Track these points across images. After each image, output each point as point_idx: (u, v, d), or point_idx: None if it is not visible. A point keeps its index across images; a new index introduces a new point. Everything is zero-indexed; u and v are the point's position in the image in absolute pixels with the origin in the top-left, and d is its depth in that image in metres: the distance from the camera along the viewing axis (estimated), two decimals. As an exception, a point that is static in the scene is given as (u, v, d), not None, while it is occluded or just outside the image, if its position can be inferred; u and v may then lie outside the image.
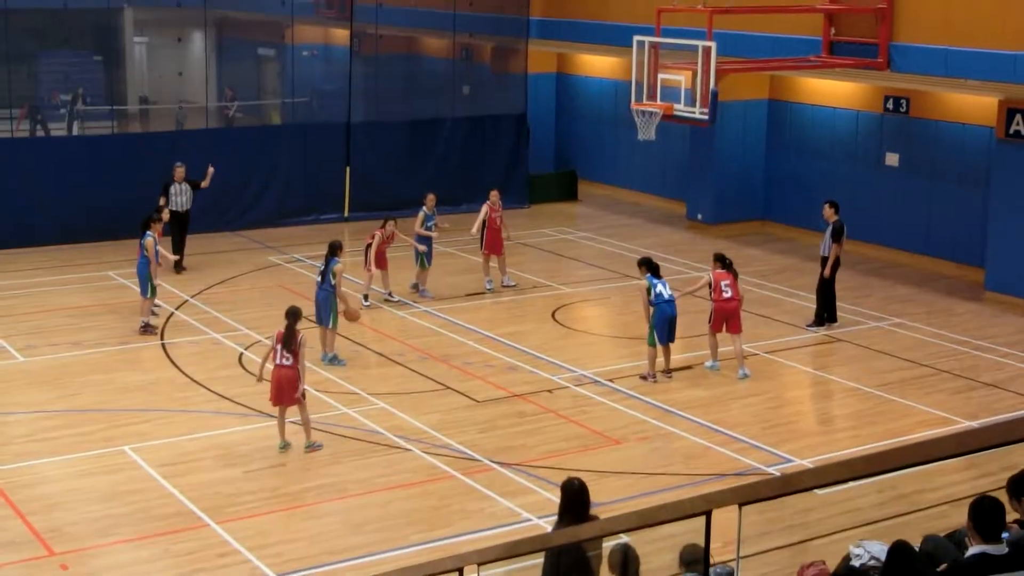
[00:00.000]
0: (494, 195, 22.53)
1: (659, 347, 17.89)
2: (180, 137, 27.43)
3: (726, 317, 18.21)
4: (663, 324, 17.76)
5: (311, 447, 15.14)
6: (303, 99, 30.37)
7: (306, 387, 15.23)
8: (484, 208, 22.32)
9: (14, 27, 26.78)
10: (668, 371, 18.11)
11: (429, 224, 22.12)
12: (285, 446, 15.11)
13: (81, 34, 32.46)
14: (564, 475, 10.16)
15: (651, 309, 17.77)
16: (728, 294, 18.15)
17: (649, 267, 18.04)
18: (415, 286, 22.24)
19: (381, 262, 21.33)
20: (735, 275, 18.45)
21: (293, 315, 15.20)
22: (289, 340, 14.95)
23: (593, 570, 8.82)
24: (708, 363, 18.55)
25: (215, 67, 31.88)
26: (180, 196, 23.31)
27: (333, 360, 18.41)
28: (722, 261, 18.45)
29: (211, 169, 23.73)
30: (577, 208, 30.66)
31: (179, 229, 23.37)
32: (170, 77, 32.60)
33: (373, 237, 21.23)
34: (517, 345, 19.51)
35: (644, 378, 17.92)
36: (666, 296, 17.81)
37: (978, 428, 15.74)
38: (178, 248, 23.19)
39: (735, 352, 18.27)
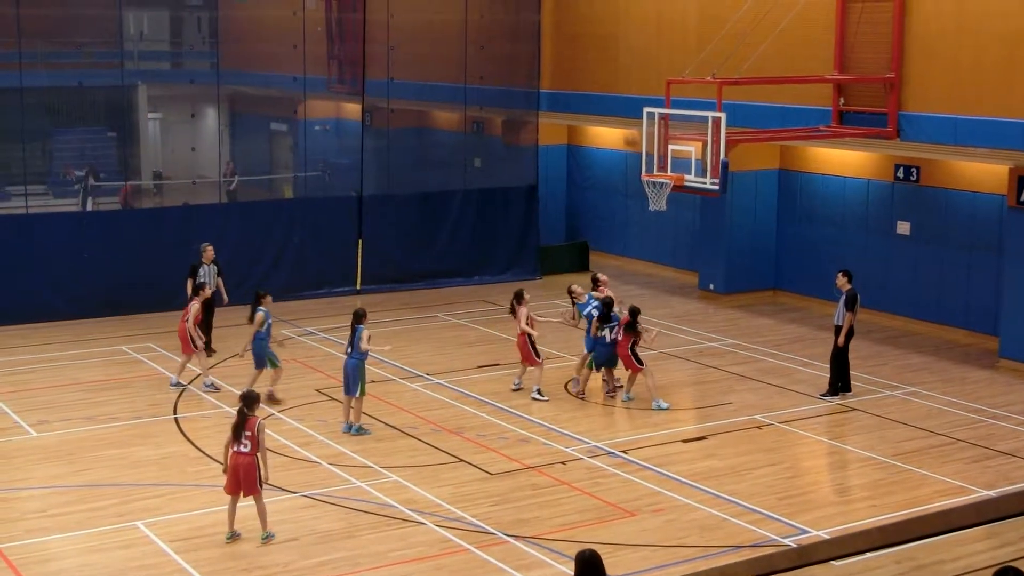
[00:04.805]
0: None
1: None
2: (193, 212, 27.55)
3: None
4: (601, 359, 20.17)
5: (268, 538, 14.62)
6: (315, 173, 30.56)
7: (269, 479, 14.82)
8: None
9: (29, 105, 27.04)
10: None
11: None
12: (233, 536, 14.64)
13: (95, 111, 32.72)
14: (579, 548, 10.07)
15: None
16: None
17: (602, 317, 20.05)
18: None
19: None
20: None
21: (244, 400, 14.62)
22: (239, 427, 14.44)
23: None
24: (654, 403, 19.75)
25: (228, 142, 32.11)
26: (208, 278, 22.58)
27: (359, 431, 18.34)
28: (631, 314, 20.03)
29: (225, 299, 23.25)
30: (589, 279, 30.63)
31: (207, 312, 22.55)
32: (183, 152, 32.81)
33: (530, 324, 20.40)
34: (530, 417, 19.45)
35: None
36: (607, 340, 20.00)
37: (996, 497, 15.65)
38: (206, 331, 22.90)
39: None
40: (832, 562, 6.60)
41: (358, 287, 28.38)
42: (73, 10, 29.39)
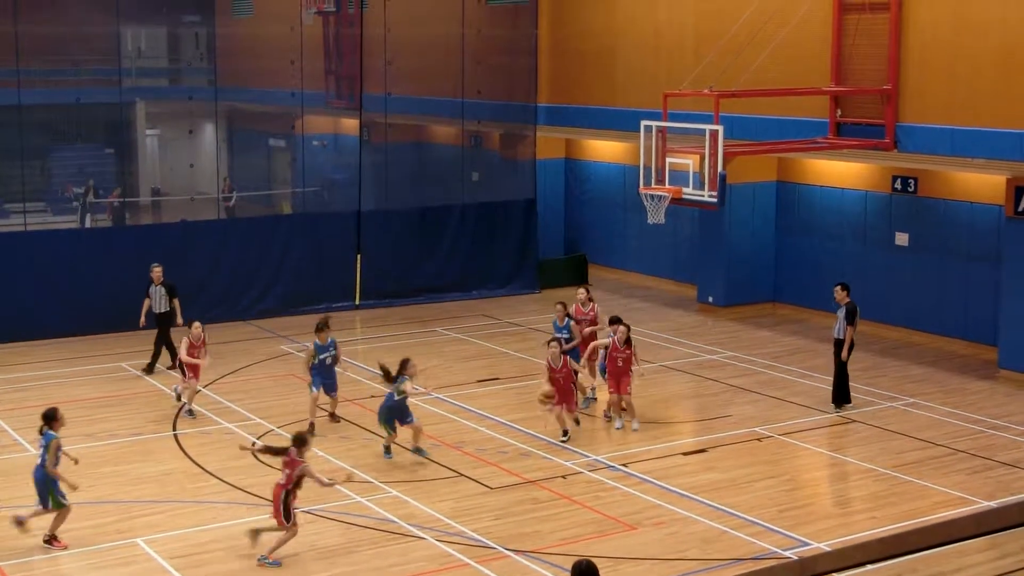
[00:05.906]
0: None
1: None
2: (191, 228, 27.56)
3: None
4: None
5: (263, 560, 14.45)
6: (314, 188, 30.60)
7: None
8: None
9: (28, 122, 27.09)
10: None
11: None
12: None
13: (93, 128, 32.83)
14: (580, 562, 10.05)
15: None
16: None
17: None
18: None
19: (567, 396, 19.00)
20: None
21: (294, 439, 14.76)
22: (277, 453, 14.92)
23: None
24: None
25: (226, 158, 32.16)
26: (156, 299, 22.57)
27: (418, 451, 17.96)
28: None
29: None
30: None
31: (165, 332, 22.69)
32: (181, 169, 32.89)
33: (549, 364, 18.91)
34: (529, 431, 19.43)
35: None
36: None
37: (997, 508, 15.64)
38: (155, 352, 22.73)
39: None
40: (833, 574, 6.59)
41: (357, 302, 28.37)
42: (71, 28, 29.49)
